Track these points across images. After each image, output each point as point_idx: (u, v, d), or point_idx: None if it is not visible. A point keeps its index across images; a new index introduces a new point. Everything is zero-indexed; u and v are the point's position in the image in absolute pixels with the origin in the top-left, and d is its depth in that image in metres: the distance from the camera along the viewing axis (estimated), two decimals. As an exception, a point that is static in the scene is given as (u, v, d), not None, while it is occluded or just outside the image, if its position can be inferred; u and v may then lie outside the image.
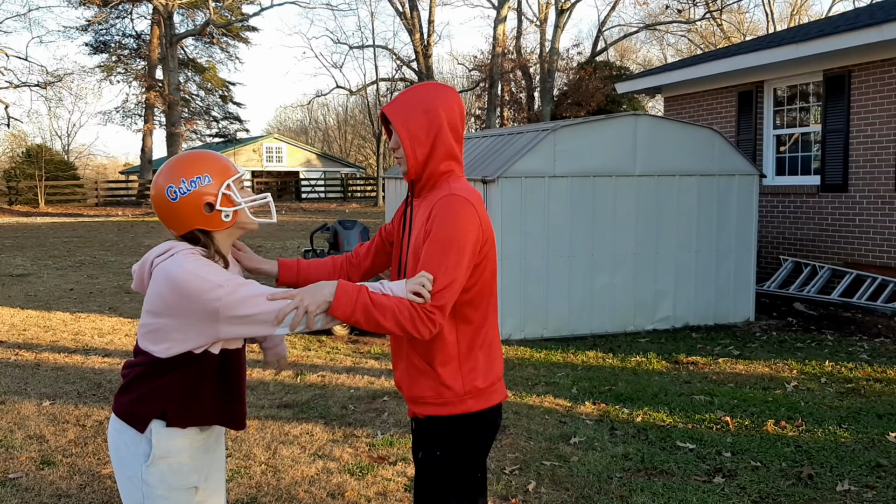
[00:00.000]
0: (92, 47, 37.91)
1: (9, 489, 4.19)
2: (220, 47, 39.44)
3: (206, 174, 2.30)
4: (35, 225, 24.48)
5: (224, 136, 41.34)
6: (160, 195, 2.29)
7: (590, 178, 8.41)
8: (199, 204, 2.29)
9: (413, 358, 2.40)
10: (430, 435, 2.43)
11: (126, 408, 2.35)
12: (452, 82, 50.69)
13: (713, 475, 4.45)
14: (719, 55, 11.87)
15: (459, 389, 2.37)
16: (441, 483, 2.42)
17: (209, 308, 2.18)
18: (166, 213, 2.30)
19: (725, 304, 9.15)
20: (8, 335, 8.11)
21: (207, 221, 2.31)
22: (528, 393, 6.14)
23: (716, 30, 40.11)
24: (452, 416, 2.38)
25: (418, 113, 2.36)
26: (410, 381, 2.41)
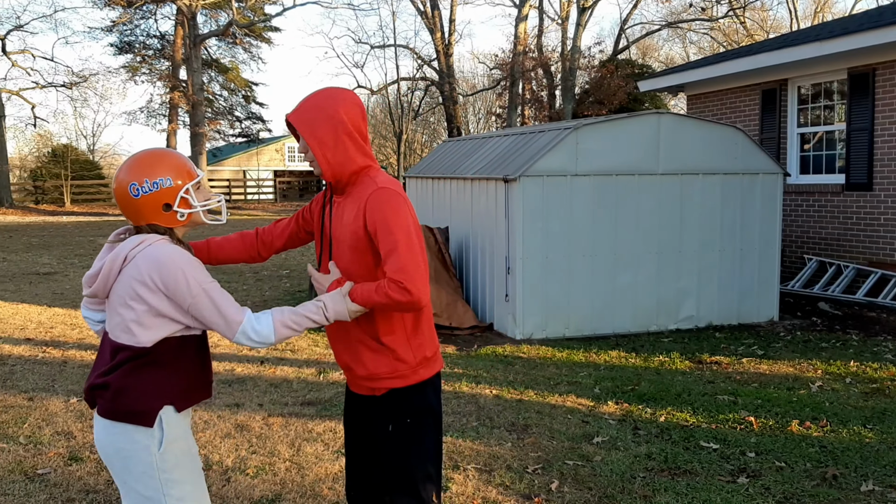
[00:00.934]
0: (117, 48, 38.27)
1: (38, 484, 4.26)
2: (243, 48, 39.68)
3: (168, 177, 2.46)
4: (61, 224, 24.78)
5: (247, 136, 41.60)
6: (123, 189, 2.44)
7: (612, 176, 8.39)
8: (158, 203, 2.46)
9: (364, 339, 2.60)
10: (393, 407, 2.63)
11: (129, 408, 2.41)
12: (473, 81, 50.68)
13: (737, 475, 4.43)
14: (743, 53, 11.78)
15: (412, 361, 2.61)
16: (418, 448, 2.63)
17: (182, 300, 2.38)
18: (126, 206, 2.47)
19: (749, 303, 9.09)
20: (35, 332, 8.23)
21: (163, 218, 2.48)
22: (550, 392, 6.14)
23: (739, 27, 39.79)
24: (411, 386, 2.61)
25: (322, 119, 2.52)
26: (363, 361, 2.61)
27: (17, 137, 59.85)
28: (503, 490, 4.22)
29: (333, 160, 2.53)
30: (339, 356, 2.72)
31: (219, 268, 13.00)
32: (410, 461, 2.63)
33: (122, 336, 2.42)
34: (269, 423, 5.28)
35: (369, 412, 2.70)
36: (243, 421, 5.33)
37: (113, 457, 2.45)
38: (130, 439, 2.42)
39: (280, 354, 7.41)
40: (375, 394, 2.66)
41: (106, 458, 2.48)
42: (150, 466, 2.42)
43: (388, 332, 2.59)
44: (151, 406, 2.41)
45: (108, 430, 2.44)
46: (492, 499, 4.11)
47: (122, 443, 2.42)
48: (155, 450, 2.42)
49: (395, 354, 2.59)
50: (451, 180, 9.96)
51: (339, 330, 2.68)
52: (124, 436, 2.42)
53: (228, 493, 4.16)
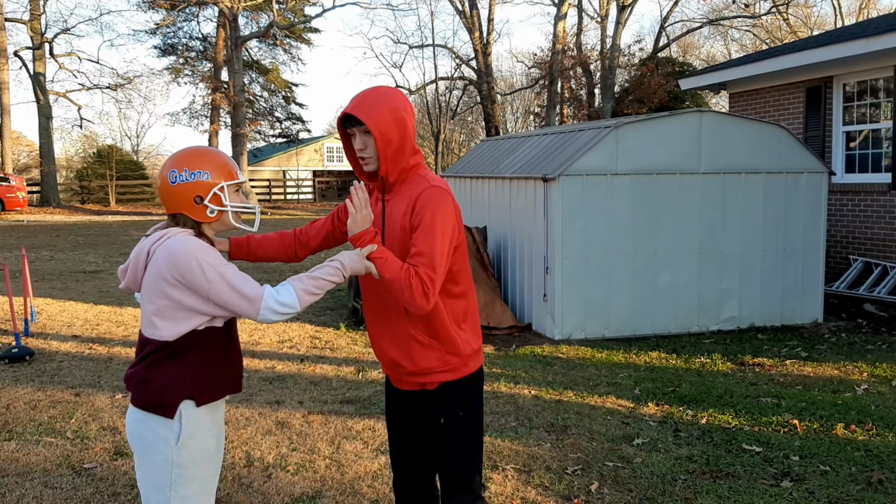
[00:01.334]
0: (160, 50, 38.93)
1: (84, 478, 4.36)
2: (284, 49, 40.08)
3: (207, 171, 2.53)
4: (106, 223, 25.26)
5: (287, 137, 42.01)
6: (164, 176, 2.54)
7: (653, 175, 8.31)
8: (190, 194, 2.52)
9: (414, 334, 2.63)
10: (445, 400, 2.69)
11: (151, 398, 2.47)
12: (511, 80, 50.55)
13: (780, 479, 4.36)
14: (786, 50, 11.59)
15: (463, 354, 2.67)
16: (469, 440, 2.71)
17: (200, 287, 2.40)
18: (163, 192, 2.55)
19: (793, 304, 8.94)
20: (82, 329, 8.40)
21: (193, 211, 2.54)
22: (589, 393, 6.11)
23: (782, 24, 39.15)
24: (462, 378, 2.68)
25: (386, 114, 2.54)
26: (413, 357, 2.65)
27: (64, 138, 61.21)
28: (542, 491, 4.21)
29: (393, 158, 2.57)
30: (385, 353, 2.73)
31: (259, 266, 13.15)
32: (462, 453, 2.70)
33: (147, 329, 2.49)
34: (309, 421, 5.33)
35: (420, 406, 2.74)
36: (284, 418, 5.39)
37: (135, 443, 2.53)
38: (152, 429, 2.49)
39: (319, 353, 7.48)
40: (426, 388, 2.70)
41: (130, 440, 2.56)
42: (165, 459, 2.48)
43: (440, 325, 2.63)
44: (171, 398, 2.47)
45: (134, 417, 2.52)
46: (531, 499, 4.10)
47: (144, 431, 2.49)
48: (172, 443, 2.48)
49: (447, 348, 2.64)
50: (489, 180, 9.95)
51: (385, 326, 2.70)
52: (146, 425, 2.49)
53: (269, 489, 4.20)
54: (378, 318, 2.73)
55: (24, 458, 4.64)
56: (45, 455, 4.69)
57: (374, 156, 2.59)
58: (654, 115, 8.53)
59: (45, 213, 29.27)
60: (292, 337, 8.23)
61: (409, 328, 2.64)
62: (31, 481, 4.29)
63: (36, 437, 5.01)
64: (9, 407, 5.63)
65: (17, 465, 4.53)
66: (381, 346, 2.74)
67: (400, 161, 2.59)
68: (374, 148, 2.57)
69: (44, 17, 33.34)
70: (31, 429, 5.17)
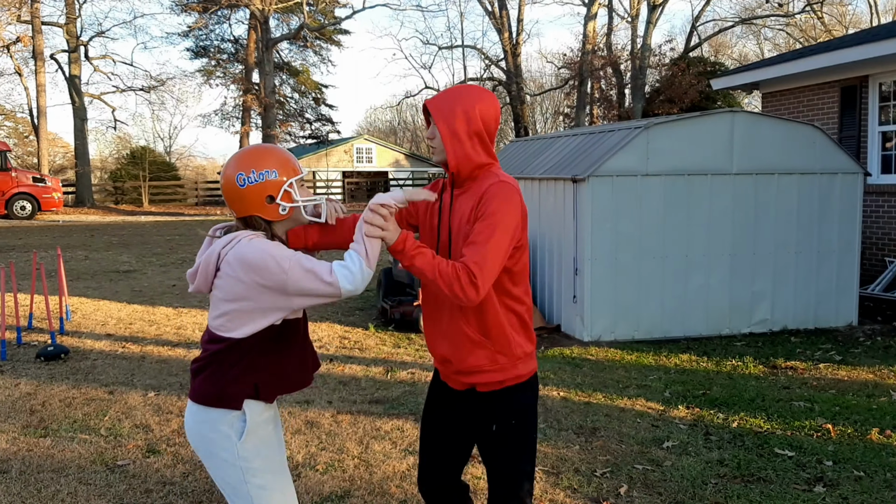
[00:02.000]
0: (193, 52, 39.36)
1: (118, 475, 4.42)
2: (314, 50, 40.33)
3: (274, 169, 2.51)
4: (139, 223, 25.60)
5: (317, 138, 42.24)
6: (230, 180, 2.50)
7: (684, 176, 8.24)
8: (262, 194, 2.50)
9: (467, 331, 2.61)
10: (497, 407, 2.65)
11: (216, 392, 2.48)
12: (541, 81, 50.40)
13: (813, 484, 4.30)
14: (821, 49, 11.43)
15: (513, 356, 2.63)
16: (522, 449, 2.66)
17: (278, 280, 2.38)
18: (232, 197, 2.52)
19: (827, 307, 8.81)
20: (115, 328, 8.52)
21: (266, 211, 2.52)
22: (618, 395, 6.07)
23: (816, 23, 38.59)
24: (513, 386, 2.64)
25: (458, 112, 2.57)
26: (463, 354, 2.62)
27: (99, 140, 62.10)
28: (571, 493, 4.19)
29: (460, 153, 2.58)
30: (437, 348, 2.73)
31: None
32: (514, 461, 2.67)
33: (218, 328, 2.49)
34: (338, 421, 5.36)
35: (469, 409, 2.72)
36: (313, 418, 5.42)
37: (198, 442, 2.53)
38: (214, 427, 2.49)
39: (349, 353, 7.51)
40: (476, 389, 2.67)
41: (192, 442, 2.56)
42: (231, 455, 2.49)
43: (493, 324, 2.61)
44: (235, 391, 2.48)
45: (194, 415, 2.53)
46: (559, 501, 4.08)
47: (206, 430, 2.50)
48: (236, 440, 2.49)
49: (497, 347, 2.61)
50: (518, 180, 9.93)
51: (440, 322, 2.70)
52: (208, 423, 2.50)
53: (299, 488, 4.23)
54: (433, 313, 2.73)
55: (60, 454, 4.72)
56: (80, 452, 4.76)
57: (438, 147, 2.64)
58: (686, 116, 8.46)
59: (79, 213, 29.74)
60: (321, 337, 8.27)
61: (461, 324, 2.62)
62: (66, 477, 4.36)
63: (71, 433, 5.09)
64: (44, 404, 5.73)
65: (52, 461, 4.61)
66: (434, 342, 2.74)
67: (471, 158, 2.59)
68: (441, 140, 2.62)
69: (79, 21, 33.88)
70: (65, 426, 5.25)
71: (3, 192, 24.92)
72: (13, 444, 4.87)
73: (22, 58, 35.18)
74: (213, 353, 2.50)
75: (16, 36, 33.71)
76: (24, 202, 25.25)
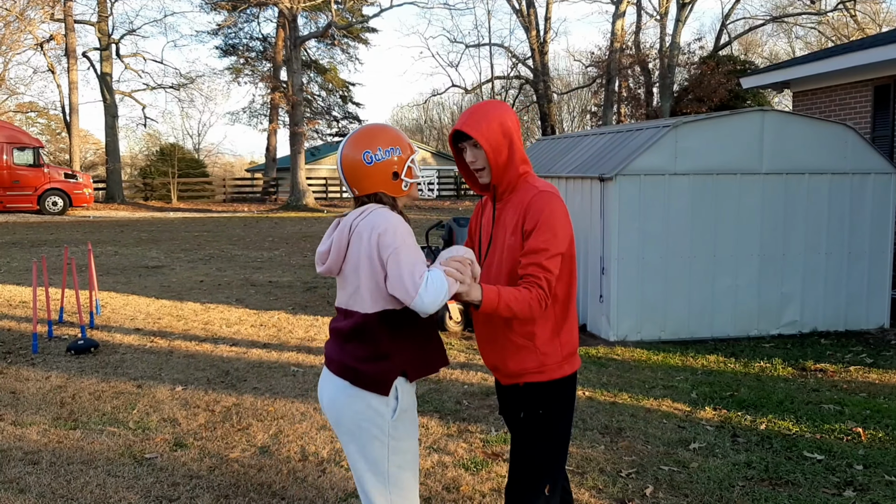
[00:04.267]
0: (221, 50, 39.71)
1: (145, 468, 4.46)
2: (341, 48, 40.50)
3: (398, 147, 2.60)
4: (168, 220, 25.86)
5: (344, 136, 42.33)
6: (356, 159, 2.57)
7: (713, 175, 8.16)
8: (388, 171, 2.58)
9: (512, 336, 2.69)
10: (530, 396, 2.74)
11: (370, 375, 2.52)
12: (568, 79, 50.19)
13: (843, 488, 4.24)
14: (853, 48, 11.26)
15: (558, 356, 2.71)
16: (546, 441, 2.73)
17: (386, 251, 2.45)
18: (358, 174, 2.58)
19: (857, 309, 8.69)
20: (144, 323, 8.62)
21: (391, 187, 2.60)
22: (644, 396, 6.02)
23: (849, 21, 38.03)
24: (550, 381, 2.71)
25: (494, 126, 2.67)
26: (509, 358, 2.72)
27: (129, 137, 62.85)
28: (596, 493, 4.17)
29: (503, 165, 2.69)
30: (488, 357, 2.84)
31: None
32: (537, 452, 2.74)
33: (353, 304, 2.54)
34: (363, 417, 5.37)
35: (514, 401, 2.82)
36: (338, 414, 5.44)
37: (345, 418, 2.57)
38: (368, 405, 2.54)
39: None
40: (519, 385, 2.78)
41: (336, 417, 2.60)
42: (382, 432, 2.56)
43: (538, 328, 2.69)
44: (388, 375, 2.54)
45: (345, 391, 2.56)
46: (584, 501, 4.06)
47: (359, 407, 2.55)
48: (389, 418, 2.55)
49: (542, 349, 2.70)
50: (545, 179, 9.89)
51: (489, 331, 2.79)
52: (361, 401, 2.55)
53: (324, 483, 4.25)
54: (483, 323, 2.81)
55: (89, 446, 4.78)
56: (108, 444, 4.82)
57: (486, 167, 2.72)
58: (715, 115, 8.37)
59: (110, 209, 30.10)
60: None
61: (506, 331, 2.71)
62: (95, 469, 4.42)
63: (100, 426, 5.15)
64: (74, 397, 5.81)
65: (81, 453, 4.67)
66: (485, 350, 2.84)
67: (510, 170, 2.70)
68: (485, 160, 2.70)
69: (111, 19, 34.28)
70: (95, 418, 5.32)
71: (35, 187, 25.30)
72: (44, 436, 4.94)
73: (55, 56, 35.73)
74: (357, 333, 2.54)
75: (49, 34, 34.25)
76: (56, 198, 25.62)
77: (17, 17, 32.15)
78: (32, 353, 7.14)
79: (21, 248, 16.20)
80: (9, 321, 8.60)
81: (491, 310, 2.52)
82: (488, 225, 2.81)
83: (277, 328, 8.36)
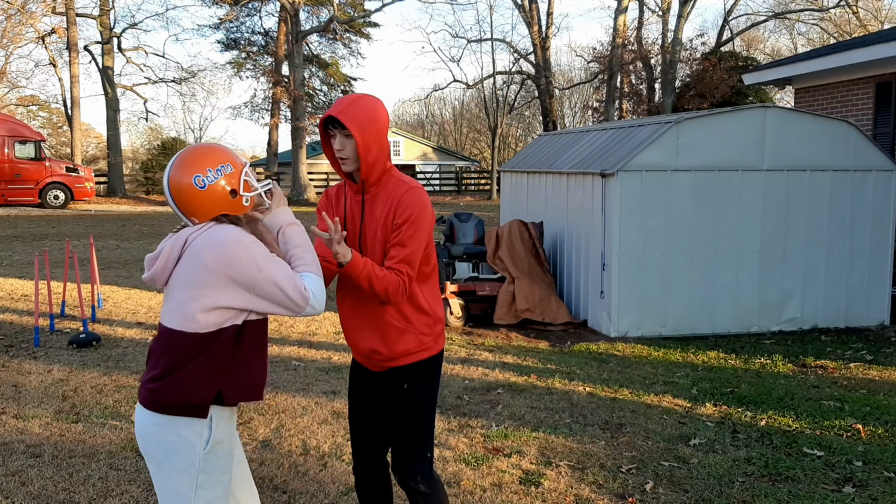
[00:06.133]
0: (223, 44, 39.62)
1: (148, 461, 4.48)
2: (343, 43, 40.39)
3: (228, 163, 2.43)
4: (170, 214, 25.85)
5: (345, 130, 42.30)
6: (185, 185, 2.37)
7: (714, 172, 8.16)
8: (225, 190, 2.42)
9: (391, 320, 2.83)
10: (412, 371, 2.89)
11: (179, 400, 2.34)
12: (570, 75, 50.12)
13: (843, 484, 4.26)
14: (855, 44, 11.24)
15: (434, 332, 2.90)
16: (425, 412, 2.91)
17: (249, 277, 2.32)
18: (193, 202, 2.39)
19: (858, 306, 8.70)
20: (146, 317, 8.63)
21: (231, 206, 2.44)
22: (645, 392, 6.04)
23: (851, 18, 37.97)
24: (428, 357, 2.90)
25: (369, 122, 2.73)
26: (391, 342, 2.84)
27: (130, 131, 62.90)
28: (596, 488, 4.19)
29: (372, 160, 2.76)
30: (363, 341, 2.89)
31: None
32: (418, 423, 2.89)
33: (176, 322, 2.35)
34: (364, 412, 5.38)
35: (390, 381, 2.91)
36: (339, 408, 5.46)
37: (155, 448, 2.38)
38: (178, 434, 2.35)
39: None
40: (398, 366, 2.89)
41: (146, 448, 2.40)
42: (191, 464, 2.37)
43: (415, 310, 2.85)
44: (199, 398, 2.35)
45: (153, 421, 2.37)
46: (585, 496, 4.08)
47: (168, 436, 2.35)
48: (200, 449, 2.37)
49: (421, 329, 2.86)
50: (546, 175, 9.90)
51: (364, 316, 2.87)
52: (171, 429, 2.35)
53: (325, 477, 4.27)
54: (356, 310, 2.89)
55: (91, 439, 4.80)
56: (110, 437, 4.83)
57: (351, 157, 2.78)
58: (717, 111, 8.38)
59: (111, 203, 30.12)
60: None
61: (385, 315, 2.84)
62: (97, 462, 4.44)
63: (102, 420, 5.17)
64: (77, 390, 5.82)
65: (83, 446, 4.69)
66: (360, 336, 2.90)
67: (378, 165, 2.78)
68: (353, 150, 2.76)
69: (112, 13, 34.22)
70: (97, 412, 5.34)
71: (36, 181, 25.31)
72: (46, 429, 4.96)
73: (56, 49, 35.72)
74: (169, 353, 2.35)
75: (51, 27, 34.21)
76: (58, 191, 25.63)
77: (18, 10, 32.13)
78: (34, 347, 7.16)
79: (23, 241, 16.22)
80: (11, 314, 8.62)
81: (355, 273, 2.64)
82: (355, 218, 2.85)
83: (279, 322, 8.37)
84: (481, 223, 9.67)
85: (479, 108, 42.45)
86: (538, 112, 43.00)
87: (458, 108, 61.07)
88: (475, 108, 54.70)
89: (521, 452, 4.67)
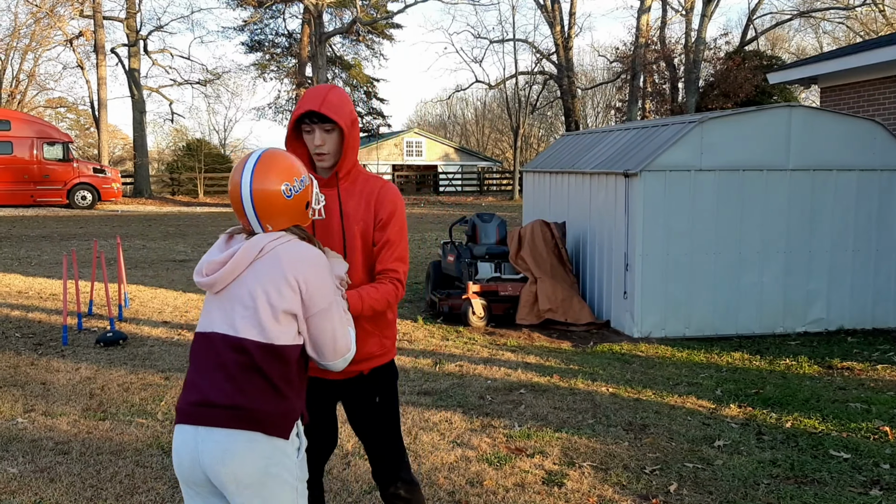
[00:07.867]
0: (247, 46, 39.94)
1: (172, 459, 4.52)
2: (366, 44, 40.58)
3: (305, 174, 2.41)
4: (195, 214, 26.08)
5: (368, 132, 42.50)
6: (275, 193, 2.29)
7: (739, 171, 8.11)
8: (303, 202, 2.39)
9: (362, 323, 2.76)
10: (378, 382, 2.89)
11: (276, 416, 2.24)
12: (592, 75, 49.94)
13: (870, 487, 4.21)
14: (882, 43, 11.11)
15: (393, 337, 2.92)
16: (397, 418, 2.96)
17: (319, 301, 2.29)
18: (276, 210, 2.31)
19: (885, 307, 8.59)
20: (171, 316, 8.72)
21: (303, 217, 2.42)
22: (668, 393, 6.01)
23: (877, 16, 37.48)
24: (389, 363, 2.92)
25: (351, 114, 2.69)
26: (359, 347, 2.75)
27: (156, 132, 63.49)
28: (619, 489, 4.18)
29: (352, 157, 2.73)
30: None
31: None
32: (394, 426, 2.93)
33: (248, 332, 2.22)
34: (387, 411, 5.40)
35: (355, 390, 2.89)
36: (363, 408, 5.47)
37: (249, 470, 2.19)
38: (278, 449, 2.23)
39: (398, 344, 7.56)
40: (363, 372, 2.85)
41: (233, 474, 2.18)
42: (291, 476, 2.28)
43: (379, 315, 2.82)
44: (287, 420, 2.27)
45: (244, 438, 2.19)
46: (608, 497, 4.07)
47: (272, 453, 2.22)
48: (294, 457, 2.29)
49: (383, 332, 2.86)
50: (569, 175, 9.88)
51: None
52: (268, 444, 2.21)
53: (348, 476, 4.29)
54: None
55: (118, 437, 4.86)
56: (137, 435, 4.89)
57: (331, 152, 2.70)
58: (741, 110, 8.31)
59: (137, 203, 30.42)
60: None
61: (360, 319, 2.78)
62: (124, 459, 4.49)
63: (128, 417, 5.23)
64: (104, 388, 5.90)
65: (110, 443, 4.75)
66: None
67: (350, 159, 2.73)
68: (335, 145, 2.68)
69: (139, 16, 34.59)
70: (123, 409, 5.40)
71: (64, 182, 25.64)
72: (74, 427, 5.03)
73: (84, 52, 36.18)
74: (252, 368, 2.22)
75: (78, 30, 34.65)
76: (85, 192, 25.96)
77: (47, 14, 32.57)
78: (62, 345, 7.26)
79: (51, 241, 16.44)
80: (39, 313, 8.74)
81: (356, 314, 2.64)
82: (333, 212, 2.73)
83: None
84: (504, 223, 9.66)
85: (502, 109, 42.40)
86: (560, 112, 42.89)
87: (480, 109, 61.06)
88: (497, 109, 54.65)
89: (543, 453, 4.67)
